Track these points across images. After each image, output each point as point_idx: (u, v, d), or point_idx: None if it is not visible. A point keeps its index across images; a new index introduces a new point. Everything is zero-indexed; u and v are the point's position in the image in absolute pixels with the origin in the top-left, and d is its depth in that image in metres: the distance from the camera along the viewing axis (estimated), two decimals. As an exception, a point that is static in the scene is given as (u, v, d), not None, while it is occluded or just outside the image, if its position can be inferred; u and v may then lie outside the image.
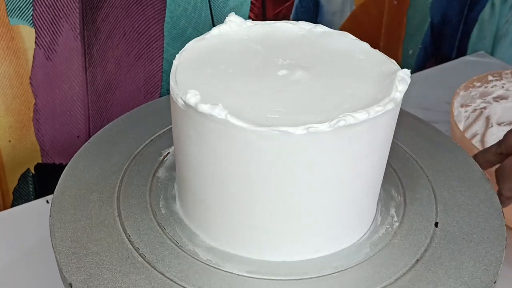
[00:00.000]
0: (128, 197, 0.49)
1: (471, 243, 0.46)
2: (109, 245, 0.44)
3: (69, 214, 0.47)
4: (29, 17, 0.62)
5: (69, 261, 0.43)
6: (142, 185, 0.50)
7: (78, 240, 0.45)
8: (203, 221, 0.46)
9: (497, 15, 1.01)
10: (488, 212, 0.49)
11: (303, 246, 0.44)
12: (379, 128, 0.42)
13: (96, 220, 0.47)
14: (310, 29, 0.51)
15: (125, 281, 0.42)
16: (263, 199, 0.42)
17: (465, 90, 0.71)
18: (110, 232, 0.46)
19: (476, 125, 0.73)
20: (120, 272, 0.42)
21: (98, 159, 0.53)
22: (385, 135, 0.43)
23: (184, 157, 0.44)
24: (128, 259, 0.43)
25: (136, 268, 0.43)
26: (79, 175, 0.51)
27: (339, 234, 0.45)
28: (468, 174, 0.53)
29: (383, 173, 0.47)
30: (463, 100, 0.71)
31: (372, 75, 0.45)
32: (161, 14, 0.70)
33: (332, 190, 0.42)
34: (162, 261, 0.43)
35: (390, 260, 0.44)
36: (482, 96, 0.73)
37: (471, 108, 0.72)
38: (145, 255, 0.44)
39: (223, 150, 0.41)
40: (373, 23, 0.90)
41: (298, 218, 0.43)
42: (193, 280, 0.42)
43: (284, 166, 0.40)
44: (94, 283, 0.42)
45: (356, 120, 0.39)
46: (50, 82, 0.67)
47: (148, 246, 0.45)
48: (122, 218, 0.47)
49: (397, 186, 0.51)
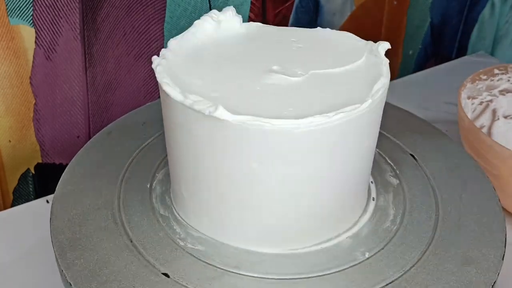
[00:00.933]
0: (128, 197, 0.49)
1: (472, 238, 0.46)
2: (110, 245, 0.45)
3: (69, 214, 0.47)
4: (29, 17, 0.62)
5: (69, 261, 0.43)
6: (142, 186, 0.50)
7: (78, 240, 0.45)
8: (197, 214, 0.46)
9: (497, 15, 1.01)
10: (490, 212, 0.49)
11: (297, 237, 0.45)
12: (355, 129, 0.42)
13: (97, 219, 0.47)
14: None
15: (126, 280, 0.42)
16: (256, 192, 0.42)
17: (471, 82, 0.71)
18: (110, 232, 0.46)
19: (483, 117, 0.73)
20: (121, 272, 0.42)
21: (99, 159, 0.53)
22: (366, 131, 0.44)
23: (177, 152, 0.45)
24: (129, 259, 0.43)
25: (138, 268, 0.43)
26: (79, 175, 0.51)
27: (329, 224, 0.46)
28: (468, 171, 0.53)
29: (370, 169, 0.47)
30: (469, 92, 0.71)
31: (361, 74, 0.45)
32: (161, 14, 0.70)
33: (322, 182, 0.43)
34: (166, 261, 0.43)
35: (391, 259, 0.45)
36: (488, 89, 0.73)
37: (478, 101, 0.73)
38: (146, 255, 0.44)
39: (217, 145, 0.41)
40: (373, 23, 0.90)
41: (285, 211, 0.43)
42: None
43: (273, 160, 0.41)
44: (95, 283, 0.42)
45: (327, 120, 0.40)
46: (50, 82, 0.67)
47: (150, 245, 0.45)
48: (122, 218, 0.47)
49: (396, 186, 0.51)
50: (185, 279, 0.42)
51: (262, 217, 0.44)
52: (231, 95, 0.42)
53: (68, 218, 0.47)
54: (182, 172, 0.45)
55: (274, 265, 0.44)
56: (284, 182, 0.42)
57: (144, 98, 0.74)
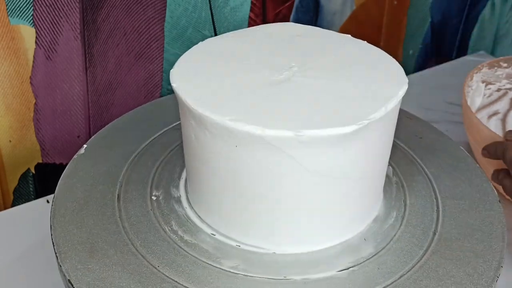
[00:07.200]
0: (129, 197, 0.49)
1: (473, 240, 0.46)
2: (110, 245, 0.44)
3: (69, 214, 0.47)
4: (29, 17, 0.62)
5: (69, 261, 0.43)
6: (143, 185, 0.50)
7: (78, 239, 0.45)
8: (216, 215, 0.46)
9: (498, 15, 1.01)
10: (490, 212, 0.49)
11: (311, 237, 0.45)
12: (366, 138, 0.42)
13: (97, 219, 0.47)
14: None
15: (126, 280, 0.42)
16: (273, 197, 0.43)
17: (489, 68, 0.71)
18: (110, 232, 0.46)
19: (498, 104, 0.73)
20: (121, 271, 0.42)
21: (99, 159, 0.53)
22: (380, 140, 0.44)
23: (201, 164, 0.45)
24: (129, 258, 0.43)
25: (137, 267, 0.43)
26: (79, 175, 0.51)
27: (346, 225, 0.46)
28: (469, 173, 0.53)
29: (385, 172, 0.47)
30: (486, 76, 0.71)
31: (373, 80, 0.45)
32: (161, 14, 0.70)
33: (336, 186, 0.43)
34: (160, 258, 0.43)
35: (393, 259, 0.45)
36: (508, 77, 0.73)
37: (495, 87, 0.72)
38: (146, 255, 0.44)
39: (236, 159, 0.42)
40: (374, 23, 0.90)
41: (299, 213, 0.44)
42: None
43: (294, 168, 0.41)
44: (95, 282, 0.42)
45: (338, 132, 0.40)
46: (51, 82, 0.67)
47: (149, 245, 0.45)
48: (122, 217, 0.47)
49: (398, 184, 0.51)
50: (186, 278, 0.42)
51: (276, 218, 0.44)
52: (250, 103, 0.42)
53: (69, 218, 0.47)
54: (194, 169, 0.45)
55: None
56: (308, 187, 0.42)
57: (144, 98, 0.74)
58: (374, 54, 0.49)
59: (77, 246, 0.44)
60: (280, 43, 0.50)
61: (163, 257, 0.44)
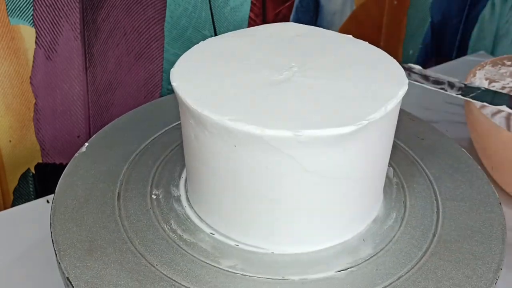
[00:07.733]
0: (129, 196, 0.49)
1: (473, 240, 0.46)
2: (109, 243, 0.45)
3: (69, 212, 0.47)
4: (29, 17, 0.62)
5: (68, 258, 0.43)
6: (143, 185, 0.50)
7: (78, 237, 0.45)
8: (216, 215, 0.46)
9: (498, 15, 1.01)
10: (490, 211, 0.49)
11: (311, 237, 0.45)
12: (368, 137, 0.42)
13: (96, 217, 0.47)
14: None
15: (126, 280, 0.42)
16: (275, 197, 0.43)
17: (492, 65, 0.70)
18: (110, 230, 0.46)
19: None
20: (120, 269, 0.42)
21: (99, 159, 0.53)
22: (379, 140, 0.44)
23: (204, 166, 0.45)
24: (127, 257, 0.43)
25: (136, 265, 0.43)
26: (79, 174, 0.51)
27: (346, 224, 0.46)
28: (470, 174, 0.53)
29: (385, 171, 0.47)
30: (490, 74, 0.70)
31: (373, 80, 0.45)
32: (161, 14, 0.70)
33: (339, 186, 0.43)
34: (159, 257, 0.44)
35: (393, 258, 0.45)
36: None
37: (500, 85, 0.72)
38: (144, 253, 0.44)
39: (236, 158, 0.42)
40: (374, 23, 0.90)
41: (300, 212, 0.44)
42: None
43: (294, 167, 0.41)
44: (93, 280, 0.42)
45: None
46: (51, 82, 0.67)
47: (148, 243, 0.45)
48: (122, 216, 0.47)
49: (398, 185, 0.51)
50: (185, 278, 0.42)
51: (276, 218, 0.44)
52: (250, 103, 0.42)
53: (69, 218, 0.47)
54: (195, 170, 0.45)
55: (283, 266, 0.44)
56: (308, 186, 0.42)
57: (145, 98, 0.74)
58: (374, 54, 0.49)
59: (76, 244, 0.44)
60: (280, 43, 0.50)
61: (161, 255, 0.44)
